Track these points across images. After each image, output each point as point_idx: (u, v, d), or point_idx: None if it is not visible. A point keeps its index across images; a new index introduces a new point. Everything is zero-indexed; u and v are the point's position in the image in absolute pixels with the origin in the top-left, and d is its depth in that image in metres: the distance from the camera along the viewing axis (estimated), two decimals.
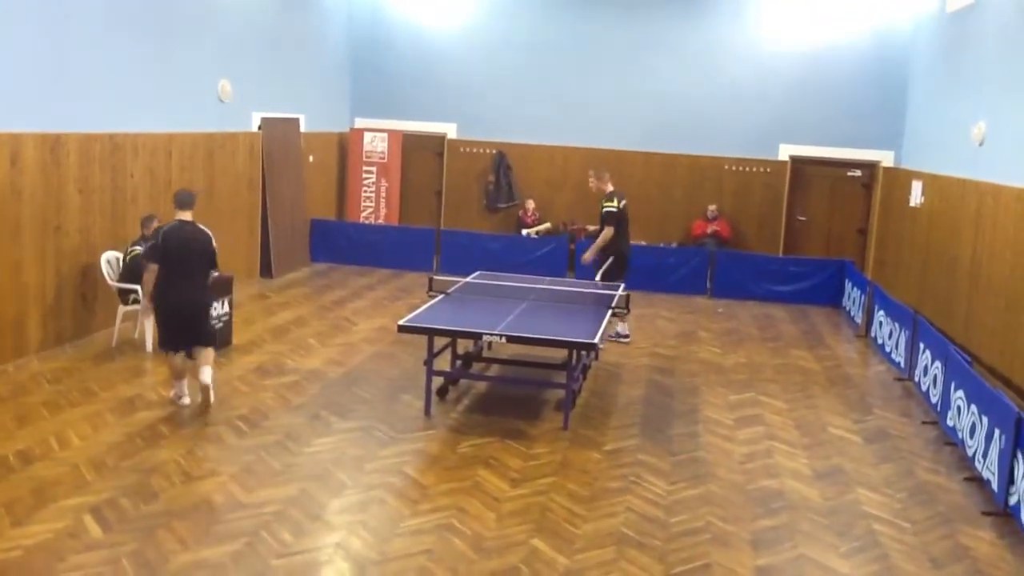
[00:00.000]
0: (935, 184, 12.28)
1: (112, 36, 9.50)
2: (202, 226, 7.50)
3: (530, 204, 15.48)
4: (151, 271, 7.34)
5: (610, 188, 10.21)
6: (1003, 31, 10.46)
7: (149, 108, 10.20)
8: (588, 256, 10.35)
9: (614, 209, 10.06)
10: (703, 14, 15.09)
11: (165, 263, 7.28)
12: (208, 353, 7.52)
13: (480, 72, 15.74)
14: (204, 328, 7.66)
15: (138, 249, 8.96)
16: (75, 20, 8.90)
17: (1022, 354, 8.97)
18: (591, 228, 10.85)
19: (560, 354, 8.66)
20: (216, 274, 7.82)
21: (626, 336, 10.50)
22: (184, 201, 7.50)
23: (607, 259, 10.18)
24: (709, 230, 14.86)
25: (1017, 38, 9.99)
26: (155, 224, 9.17)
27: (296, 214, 14.03)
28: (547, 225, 15.38)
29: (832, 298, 13.58)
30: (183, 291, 7.37)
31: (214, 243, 7.51)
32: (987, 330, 9.95)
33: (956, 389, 7.68)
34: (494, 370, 9.24)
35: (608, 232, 10.06)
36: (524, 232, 15.09)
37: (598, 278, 10.18)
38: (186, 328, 7.45)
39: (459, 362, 8.79)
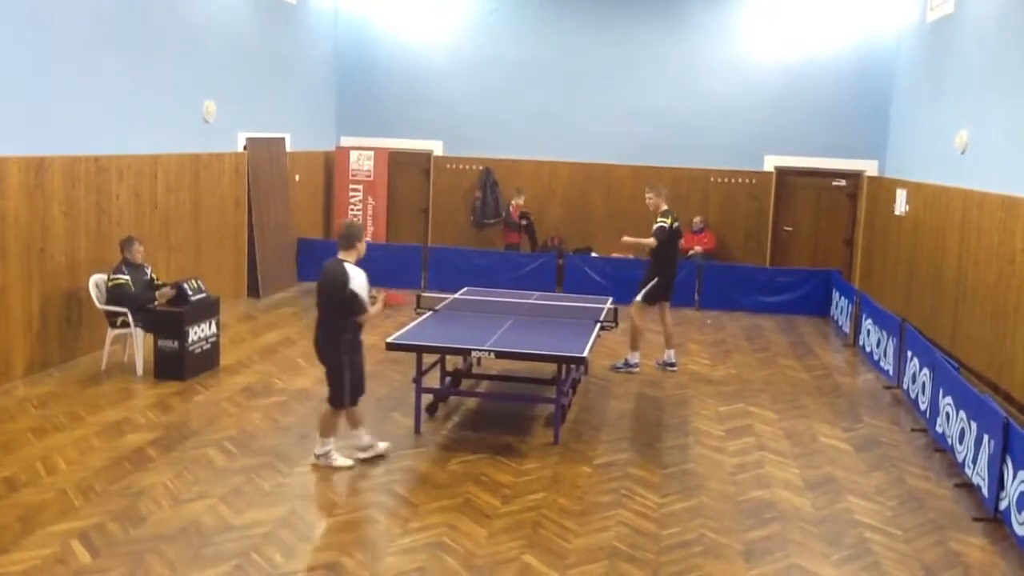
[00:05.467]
0: (919, 193, 12.36)
1: (96, 58, 9.50)
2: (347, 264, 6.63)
3: (518, 201, 15.28)
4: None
5: (665, 206, 9.92)
6: (982, 39, 10.56)
7: (134, 130, 10.19)
8: (628, 239, 10.20)
9: (665, 225, 9.78)
10: (687, 29, 15.20)
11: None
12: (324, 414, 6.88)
13: (465, 89, 15.80)
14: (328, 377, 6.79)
15: (120, 279, 8.88)
16: (58, 43, 8.89)
17: (1009, 360, 9.01)
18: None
19: (549, 369, 8.65)
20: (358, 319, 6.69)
21: (635, 365, 10.08)
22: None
23: (652, 279, 9.91)
24: (696, 245, 14.90)
25: (996, 46, 10.09)
26: (136, 245, 9.13)
27: (283, 234, 14.00)
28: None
29: (820, 308, 13.62)
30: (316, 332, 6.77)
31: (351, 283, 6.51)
32: (974, 337, 10.00)
33: (944, 396, 7.70)
34: (483, 386, 9.22)
35: (652, 241, 9.82)
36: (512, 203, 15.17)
37: (639, 298, 9.97)
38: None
39: (448, 379, 8.77)
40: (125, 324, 8.98)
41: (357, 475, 6.74)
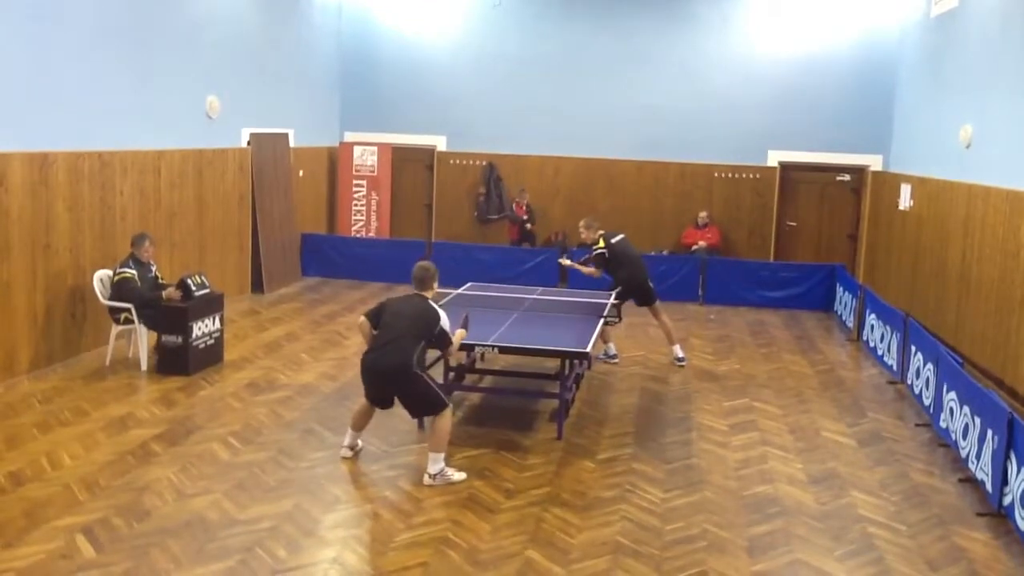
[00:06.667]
0: (924, 187, 12.33)
1: (99, 54, 9.50)
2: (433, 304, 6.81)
3: (520, 200, 15.40)
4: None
5: (600, 232, 10.24)
6: (986, 33, 10.53)
7: (137, 125, 10.19)
8: (568, 262, 10.87)
9: (600, 251, 10.15)
10: (691, 24, 15.16)
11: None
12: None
13: (469, 84, 15.78)
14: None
15: (126, 272, 8.89)
16: (61, 38, 8.89)
17: (1013, 355, 8.99)
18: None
19: (553, 364, 8.65)
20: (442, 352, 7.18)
21: (614, 356, 10.29)
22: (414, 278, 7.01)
23: (617, 286, 10.24)
24: (700, 240, 14.88)
25: (999, 40, 10.06)
26: (147, 244, 9.15)
27: (286, 229, 14.01)
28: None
29: (823, 303, 13.60)
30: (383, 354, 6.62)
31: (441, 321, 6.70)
32: (978, 332, 9.98)
33: (948, 391, 7.70)
34: (487, 381, 9.22)
35: (593, 271, 10.27)
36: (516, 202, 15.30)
37: (612, 297, 10.21)
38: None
39: (451, 374, 8.76)
40: (129, 320, 8.99)
41: (360, 470, 6.75)
